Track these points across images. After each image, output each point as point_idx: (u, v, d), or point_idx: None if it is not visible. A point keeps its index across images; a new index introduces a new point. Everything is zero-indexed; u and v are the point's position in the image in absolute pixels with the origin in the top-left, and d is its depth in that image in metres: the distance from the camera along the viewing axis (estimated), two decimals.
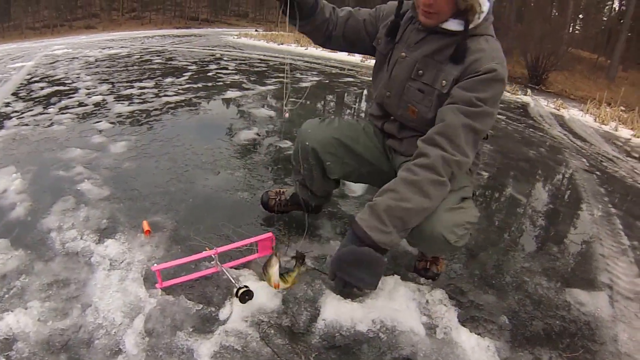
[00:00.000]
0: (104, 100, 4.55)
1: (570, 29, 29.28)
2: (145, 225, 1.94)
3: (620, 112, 9.98)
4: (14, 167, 2.68)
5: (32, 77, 6.33)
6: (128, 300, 1.51)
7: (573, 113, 9.55)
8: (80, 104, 4.37)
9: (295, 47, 15.27)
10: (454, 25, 1.43)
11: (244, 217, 2.18)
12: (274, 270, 1.50)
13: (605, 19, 38.81)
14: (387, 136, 1.75)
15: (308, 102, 5.64)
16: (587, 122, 8.73)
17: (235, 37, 18.47)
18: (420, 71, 1.51)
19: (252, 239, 1.74)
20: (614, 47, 25.78)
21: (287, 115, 1.62)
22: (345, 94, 6.62)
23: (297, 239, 1.98)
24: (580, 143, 6.09)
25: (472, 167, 1.62)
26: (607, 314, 1.85)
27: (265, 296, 1.55)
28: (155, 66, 7.29)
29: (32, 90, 5.25)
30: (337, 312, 1.51)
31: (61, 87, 5.40)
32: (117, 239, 1.87)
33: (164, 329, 1.42)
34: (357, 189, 2.66)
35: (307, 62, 10.52)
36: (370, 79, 1.83)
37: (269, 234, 1.77)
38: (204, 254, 1.64)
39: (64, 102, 4.47)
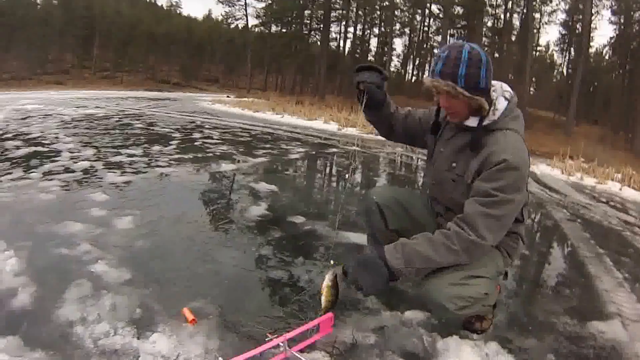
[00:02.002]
0: (92, 166, 4.40)
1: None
2: (188, 314, 1.77)
3: (582, 164, 11.17)
4: (3, 242, 2.41)
5: (3, 133, 6.10)
6: None
7: (543, 169, 10.50)
8: (67, 170, 4.20)
9: (272, 115, 15.64)
10: (472, 122, 1.75)
11: (287, 296, 2.14)
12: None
13: (555, 81, 46.01)
14: (436, 214, 2.06)
15: (304, 175, 5.66)
16: (555, 175, 9.74)
17: (210, 103, 18.82)
18: (454, 164, 1.83)
19: (315, 322, 1.74)
20: (568, 106, 29.77)
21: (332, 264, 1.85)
22: (335, 165, 6.71)
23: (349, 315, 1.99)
24: (557, 196, 6.83)
25: (509, 249, 1.91)
26: (624, 336, 2.23)
27: None
28: (137, 131, 7.24)
29: (6, 149, 5.03)
30: None
31: (40, 148, 5.21)
32: (162, 331, 1.68)
33: None
34: None
35: (287, 131, 10.72)
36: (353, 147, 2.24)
37: (330, 314, 1.78)
38: (273, 342, 1.58)
39: (47, 167, 4.28)
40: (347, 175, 5.70)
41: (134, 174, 4.24)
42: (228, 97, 25.63)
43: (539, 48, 44.53)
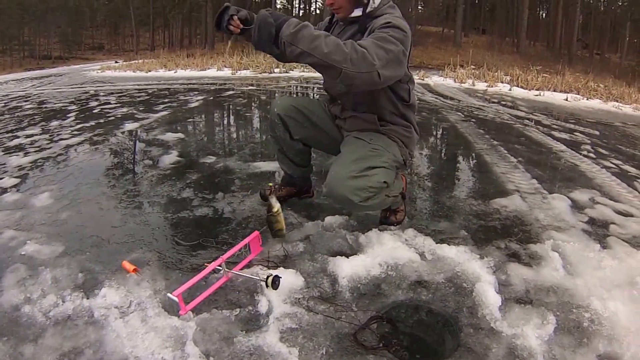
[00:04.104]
0: None
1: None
2: (128, 265, 1.63)
3: (473, 70, 11.42)
4: None
5: None
6: (166, 335, 1.29)
7: (435, 79, 10.59)
8: None
9: (165, 72, 14.38)
10: (357, 12, 1.73)
11: (216, 229, 2.06)
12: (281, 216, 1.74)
13: None
14: (334, 117, 2.00)
15: (207, 119, 5.37)
16: (449, 84, 9.80)
17: (99, 71, 16.59)
18: None
19: (244, 242, 1.69)
20: (455, 18, 28.79)
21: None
22: (234, 105, 6.44)
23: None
24: (451, 102, 6.90)
25: (403, 139, 1.87)
26: (524, 207, 2.36)
27: (288, 279, 1.54)
28: (29, 112, 6.11)
29: None
30: (350, 268, 1.63)
31: None
32: (109, 286, 1.53)
33: (220, 345, 1.27)
34: None
35: (183, 84, 9.96)
36: (247, 88, 1.99)
37: (256, 233, 1.74)
38: (212, 266, 1.52)
39: None
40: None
41: (38, 152, 3.62)
42: (117, 62, 22.71)
43: None
